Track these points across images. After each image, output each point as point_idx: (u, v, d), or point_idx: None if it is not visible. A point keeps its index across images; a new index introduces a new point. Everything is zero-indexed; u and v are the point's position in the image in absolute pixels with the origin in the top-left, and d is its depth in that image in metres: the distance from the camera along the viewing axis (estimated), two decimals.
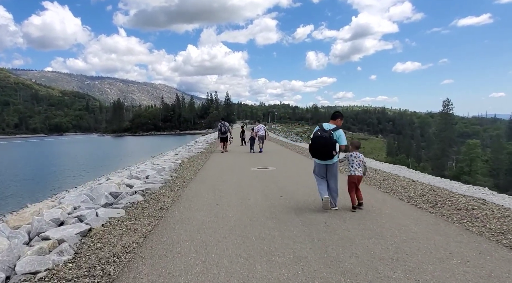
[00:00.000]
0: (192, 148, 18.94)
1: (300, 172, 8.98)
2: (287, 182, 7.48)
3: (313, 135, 4.97)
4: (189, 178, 8.53)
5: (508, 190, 39.61)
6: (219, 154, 15.48)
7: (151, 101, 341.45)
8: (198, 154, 15.37)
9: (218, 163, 11.78)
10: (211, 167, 10.70)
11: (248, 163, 11.45)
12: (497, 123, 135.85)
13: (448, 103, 78.19)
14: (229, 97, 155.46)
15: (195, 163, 11.80)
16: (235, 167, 10.48)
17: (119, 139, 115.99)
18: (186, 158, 13.34)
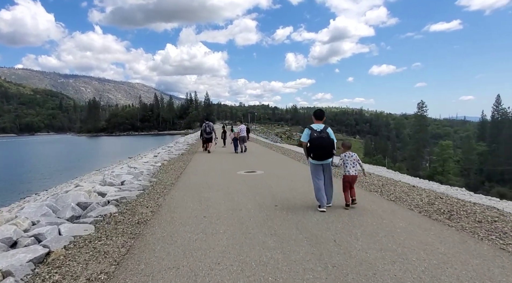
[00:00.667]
0: (172, 149, 17.94)
1: (291, 176, 8.34)
2: (280, 188, 6.80)
3: (310, 137, 5.00)
4: (171, 183, 7.69)
5: (479, 190, 40.95)
6: (201, 156, 14.65)
7: (129, 101, 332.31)
8: (179, 156, 14.45)
9: (201, 166, 10.96)
10: (194, 171, 9.87)
11: (233, 166, 10.71)
12: (467, 125, 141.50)
13: (422, 105, 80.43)
14: (208, 97, 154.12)
15: (177, 166, 10.92)
16: (220, 170, 9.71)
17: (95, 139, 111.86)
18: (166, 161, 12.42)
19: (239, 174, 8.99)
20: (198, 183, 7.60)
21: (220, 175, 8.87)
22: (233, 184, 7.36)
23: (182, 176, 8.91)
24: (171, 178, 8.50)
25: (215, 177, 8.45)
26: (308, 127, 5.16)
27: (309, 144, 5.01)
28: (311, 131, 5.04)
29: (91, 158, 43.52)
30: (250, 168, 10.02)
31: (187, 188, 7.11)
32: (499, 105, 77.96)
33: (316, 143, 4.93)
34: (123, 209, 5.30)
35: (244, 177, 8.45)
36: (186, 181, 8.03)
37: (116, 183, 7.55)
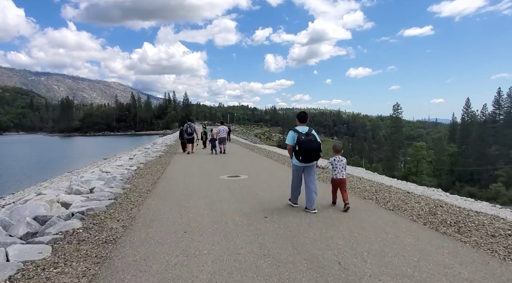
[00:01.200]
0: (150, 151, 16.98)
1: (278, 182, 7.78)
2: (268, 196, 6.23)
3: (298, 140, 4.97)
4: (147, 190, 6.95)
5: (450, 189, 42.18)
6: (180, 158, 13.88)
7: (104, 100, 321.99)
8: (157, 158, 13.60)
9: (181, 170, 10.22)
10: (172, 175, 9.13)
11: (215, 170, 10.05)
12: (438, 126, 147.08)
13: (398, 107, 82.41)
14: (187, 97, 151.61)
15: (154, 170, 10.11)
16: (201, 175, 9.03)
17: (68, 139, 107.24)
18: (143, 164, 11.57)
19: (222, 178, 8.35)
20: (178, 190, 6.90)
21: (201, 180, 8.20)
22: (216, 191, 6.72)
23: (159, 181, 8.16)
24: (148, 184, 7.74)
25: (196, 183, 7.77)
26: (293, 130, 5.16)
27: (297, 147, 4.97)
28: (297, 134, 5.04)
29: (63, 159, 41.33)
30: (233, 172, 9.40)
31: (165, 195, 6.40)
32: (469, 108, 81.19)
33: (305, 146, 4.93)
34: (90, 223, 4.55)
35: (228, 182, 7.82)
36: (164, 187, 7.31)
37: (84, 190, 6.72)
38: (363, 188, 6.82)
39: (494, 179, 60.05)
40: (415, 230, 4.04)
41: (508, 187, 53.33)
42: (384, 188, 6.91)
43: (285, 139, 5.72)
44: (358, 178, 8.55)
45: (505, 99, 73.95)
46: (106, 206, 5.52)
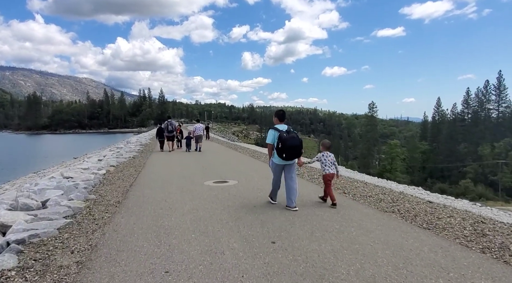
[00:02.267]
0: (122, 151, 15.33)
1: None
2: (268, 210, 5.04)
3: (280, 138, 4.92)
4: (116, 202, 5.59)
5: (422, 185, 43.02)
6: (157, 159, 12.45)
7: (76, 96, 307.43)
8: (130, 160, 12.08)
9: (158, 173, 8.85)
10: (148, 181, 7.77)
11: (197, 173, 8.76)
12: (409, 125, 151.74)
13: (373, 106, 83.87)
14: (163, 94, 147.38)
15: (126, 174, 8.68)
16: (181, 180, 7.73)
17: (36, 137, 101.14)
18: (114, 166, 10.08)
19: (208, 185, 7.10)
20: (155, 201, 5.60)
21: (183, 187, 6.91)
22: (203, 203, 5.48)
23: (132, 189, 6.80)
24: (117, 193, 6.36)
25: (177, 191, 6.48)
26: (273, 129, 5.14)
27: (280, 145, 4.91)
28: (278, 132, 5.00)
29: (28, 159, 38.19)
30: (219, 176, 8.18)
31: (138, 210, 5.09)
32: (440, 107, 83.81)
33: (289, 144, 4.89)
34: (29, 259, 3.19)
35: (215, 190, 6.59)
36: (137, 197, 5.97)
37: (35, 204, 5.25)
38: (377, 197, 5.80)
39: (463, 175, 62.32)
40: (479, 264, 3.01)
41: (476, 183, 55.46)
42: (397, 196, 5.94)
43: (265, 137, 5.68)
44: (363, 182, 7.58)
45: (473, 98, 76.83)
46: (58, 228, 4.15)
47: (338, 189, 6.46)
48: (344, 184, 7.09)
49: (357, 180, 7.91)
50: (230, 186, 6.97)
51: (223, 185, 7.05)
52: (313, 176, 8.37)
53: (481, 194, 49.71)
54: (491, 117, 75.66)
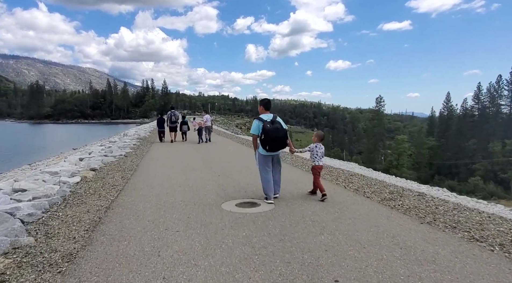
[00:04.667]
0: (115, 146, 12.64)
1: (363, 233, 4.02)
2: None
3: (264, 129, 4.66)
4: (66, 256, 2.99)
5: (429, 182, 40.59)
6: (154, 159, 9.80)
7: (79, 86, 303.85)
8: (120, 160, 9.43)
9: (152, 185, 6.17)
10: (135, 200, 5.09)
11: (208, 184, 6.08)
12: (414, 120, 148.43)
13: (380, 100, 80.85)
14: (166, 85, 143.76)
15: (107, 185, 6.03)
16: (187, 199, 5.03)
17: (38, 127, 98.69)
18: (95, 170, 7.48)
19: (228, 211, 4.40)
20: (142, 255, 3.00)
21: (190, 215, 4.21)
22: (227, 262, 2.86)
23: (107, 217, 4.17)
24: (79, 228, 3.69)
25: (180, 226, 3.77)
26: (257, 119, 4.85)
27: (263, 136, 4.66)
28: (262, 122, 4.73)
29: (27, 149, 35.89)
30: (242, 190, 5.56)
31: (112, 277, 2.51)
32: (449, 102, 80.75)
33: (272, 135, 4.63)
34: None
35: (243, 224, 3.89)
36: (111, 242, 3.35)
37: None
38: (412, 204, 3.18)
39: (472, 172, 59.88)
40: None
41: (486, 181, 52.99)
42: (432, 201, 3.39)
43: None
44: (381, 182, 5.04)
45: (485, 94, 73.74)
46: None
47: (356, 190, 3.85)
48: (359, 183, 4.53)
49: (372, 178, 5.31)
50: (264, 214, 4.30)
51: (253, 212, 4.38)
52: None
53: (492, 193, 47.38)
54: (503, 113, 72.75)
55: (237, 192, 5.50)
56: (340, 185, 6.06)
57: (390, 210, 4.43)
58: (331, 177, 6.85)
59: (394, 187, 5.87)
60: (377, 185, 6.06)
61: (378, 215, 4.13)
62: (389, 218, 4.04)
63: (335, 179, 6.59)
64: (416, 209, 4.42)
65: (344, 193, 5.41)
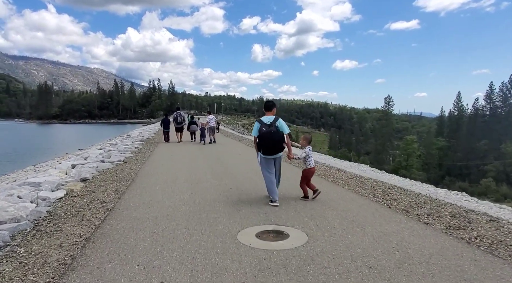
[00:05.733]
0: (115, 150, 11.52)
1: None
2: None
3: (259, 131, 4.69)
4: None
5: (439, 184, 39.05)
6: (156, 167, 8.68)
7: (87, 87, 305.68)
8: (118, 167, 8.33)
9: (151, 202, 5.01)
10: (128, 224, 3.91)
11: (222, 202, 4.87)
12: (423, 120, 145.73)
13: (389, 100, 79.08)
14: (173, 85, 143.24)
15: (96, 203, 4.87)
16: (193, 225, 3.82)
17: (46, 127, 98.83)
18: (86, 180, 6.39)
19: (248, 246, 3.20)
20: None
21: (196, 259, 3.04)
22: None
23: (85, 257, 3.01)
24: (40, 280, 2.64)
25: (183, 280, 2.72)
26: (257, 120, 4.87)
27: (259, 139, 4.69)
28: (260, 124, 4.73)
29: (33, 149, 35.37)
30: (258, 207, 4.39)
31: None
32: (460, 101, 78.69)
33: (265, 138, 4.61)
34: None
35: (272, 275, 2.67)
36: None
37: None
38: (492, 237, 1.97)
39: (484, 174, 58.07)
40: None
41: (498, 183, 51.17)
42: None
43: None
44: (428, 197, 3.80)
45: (497, 93, 71.59)
46: None
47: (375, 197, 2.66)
48: None
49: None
50: (297, 253, 3.12)
51: (281, 248, 3.21)
52: None
53: (505, 195, 45.64)
54: None
55: (255, 213, 4.33)
56: (381, 202, 4.86)
57: (468, 247, 3.22)
58: (365, 191, 5.64)
59: (451, 207, 4.66)
60: (428, 202, 4.85)
61: (458, 258, 2.94)
62: (476, 263, 2.84)
63: (371, 194, 5.38)
64: (504, 246, 3.22)
65: (392, 216, 4.21)
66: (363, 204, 4.69)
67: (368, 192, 5.55)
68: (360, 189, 5.76)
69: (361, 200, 4.85)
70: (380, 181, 6.66)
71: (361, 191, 5.61)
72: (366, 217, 4.16)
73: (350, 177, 6.89)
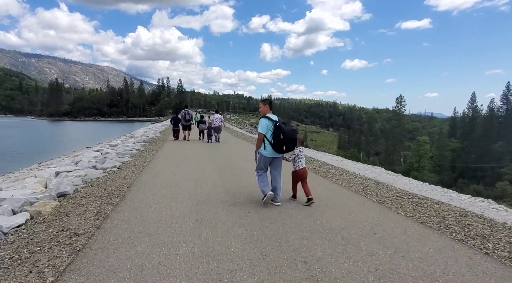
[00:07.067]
0: (112, 153, 10.13)
1: None
2: None
3: (281, 128, 4.36)
4: None
5: (452, 186, 37.08)
6: (157, 174, 7.26)
7: (97, 84, 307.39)
8: (110, 174, 6.95)
9: (139, 238, 3.52)
10: (102, 280, 2.63)
11: (239, 238, 3.44)
12: (434, 121, 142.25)
13: (401, 100, 76.72)
14: (182, 84, 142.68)
15: (66, 231, 3.43)
16: (196, 279, 2.58)
17: (56, 124, 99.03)
18: (66, 194, 5.03)
19: None
20: None
21: None
22: None
23: None
24: None
25: None
26: (266, 118, 4.58)
27: (283, 136, 4.37)
28: (272, 122, 4.50)
29: (41, 146, 34.76)
30: (290, 248, 2.96)
31: None
32: (474, 102, 75.97)
33: (290, 136, 4.41)
34: None
35: None
36: None
37: None
38: None
39: (499, 177, 55.76)
40: None
41: None
42: None
43: None
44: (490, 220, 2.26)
45: None
46: None
47: None
48: None
49: None
50: None
51: None
52: None
53: None
54: None
55: (289, 261, 2.88)
56: (472, 245, 3.35)
57: None
58: (431, 219, 4.11)
59: None
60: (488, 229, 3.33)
61: None
62: None
63: (444, 226, 3.85)
64: None
65: (467, 259, 2.70)
66: (446, 249, 3.16)
67: (436, 221, 4.03)
68: (422, 216, 4.23)
69: (440, 241, 3.33)
70: (438, 201, 5.13)
71: (425, 220, 4.08)
72: None
73: (398, 195, 5.38)
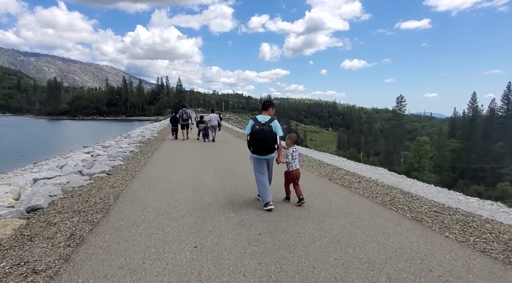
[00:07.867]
0: (104, 155, 9.21)
1: None
2: None
3: (252, 129, 4.46)
4: None
5: (452, 187, 36.35)
6: (150, 179, 6.36)
7: (96, 84, 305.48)
8: (97, 181, 6.04)
9: (120, 276, 2.86)
10: None
11: (247, 266, 2.56)
12: (433, 121, 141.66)
13: (401, 100, 76.07)
14: (181, 83, 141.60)
15: (26, 263, 2.58)
16: None
17: (55, 123, 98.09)
18: (38, 208, 4.14)
19: None
20: None
21: None
22: None
23: None
24: None
25: None
26: (252, 118, 4.65)
27: (250, 137, 4.46)
28: (254, 122, 4.52)
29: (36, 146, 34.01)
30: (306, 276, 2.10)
31: None
32: (475, 102, 75.38)
33: (257, 136, 4.40)
34: None
35: None
36: None
37: None
38: None
39: (500, 177, 55.25)
40: None
41: None
42: None
43: None
44: None
45: None
46: None
47: None
48: None
49: None
50: None
51: None
52: None
53: None
54: None
55: None
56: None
57: None
58: (465, 237, 3.26)
59: None
60: None
61: None
62: None
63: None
64: None
65: None
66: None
67: (500, 249, 3.16)
68: (478, 241, 3.36)
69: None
70: (487, 219, 4.25)
71: (486, 247, 3.21)
72: None
73: (435, 209, 4.50)
